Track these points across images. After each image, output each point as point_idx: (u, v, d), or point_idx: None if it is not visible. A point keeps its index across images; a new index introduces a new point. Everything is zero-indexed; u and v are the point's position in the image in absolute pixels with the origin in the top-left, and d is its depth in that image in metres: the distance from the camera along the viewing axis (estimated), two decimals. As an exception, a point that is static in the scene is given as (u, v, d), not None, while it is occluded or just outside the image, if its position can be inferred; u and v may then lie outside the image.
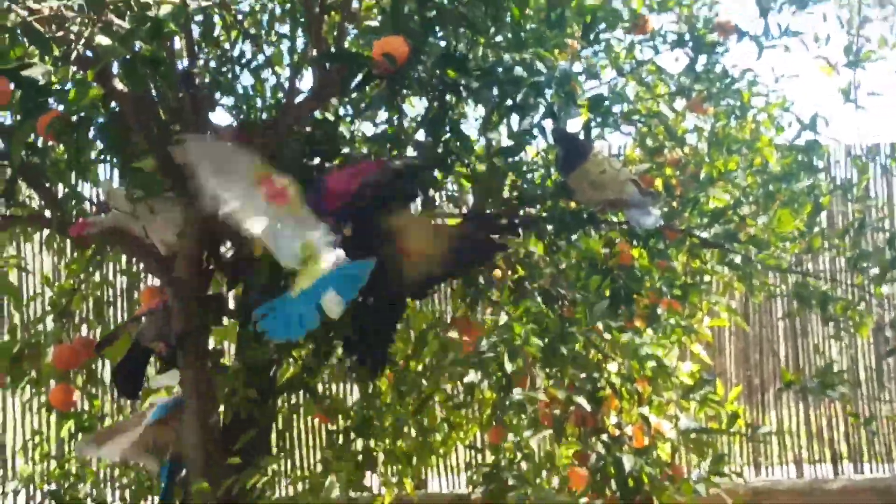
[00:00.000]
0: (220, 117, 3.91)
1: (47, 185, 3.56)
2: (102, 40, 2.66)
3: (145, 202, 3.46)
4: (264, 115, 3.99)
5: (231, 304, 4.02)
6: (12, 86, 2.61)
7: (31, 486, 5.50)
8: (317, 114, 3.82)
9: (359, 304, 3.28)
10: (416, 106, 4.39)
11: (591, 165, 3.59)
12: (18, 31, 2.61)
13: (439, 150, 3.57)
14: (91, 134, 2.74)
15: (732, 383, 6.56)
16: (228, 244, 3.83)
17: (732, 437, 3.88)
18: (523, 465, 3.61)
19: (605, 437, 3.72)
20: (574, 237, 3.81)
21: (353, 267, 3.09)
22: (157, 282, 3.81)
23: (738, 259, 4.04)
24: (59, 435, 4.87)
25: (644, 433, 3.77)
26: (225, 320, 3.96)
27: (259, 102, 4.07)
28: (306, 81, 6.32)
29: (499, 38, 3.25)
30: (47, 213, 3.67)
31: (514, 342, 3.25)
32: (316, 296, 3.01)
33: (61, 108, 2.91)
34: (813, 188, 4.06)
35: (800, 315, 6.46)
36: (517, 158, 3.86)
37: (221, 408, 3.67)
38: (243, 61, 4.02)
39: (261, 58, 4.04)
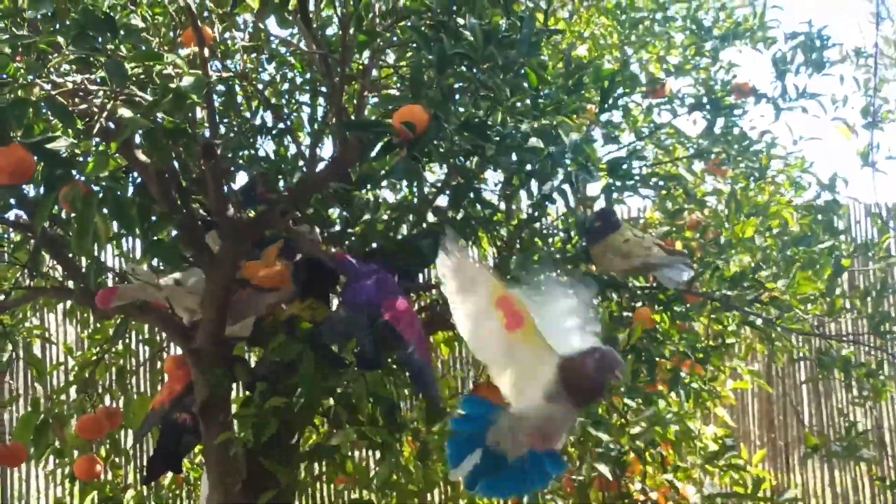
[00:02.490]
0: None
1: (70, 255, 3.58)
2: (125, 112, 2.69)
3: (171, 275, 3.48)
4: (283, 183, 4.02)
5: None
6: (36, 158, 2.63)
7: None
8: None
9: None
10: (436, 172, 4.42)
11: (615, 235, 3.60)
12: (42, 105, 2.63)
13: (460, 216, 3.58)
14: (107, 209, 2.75)
15: (756, 446, 6.52)
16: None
17: (757, 502, 3.84)
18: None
19: (628, 503, 3.70)
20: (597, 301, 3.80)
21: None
22: (179, 351, 3.80)
23: (759, 321, 4.03)
24: (82, 505, 4.88)
25: (668, 499, 3.74)
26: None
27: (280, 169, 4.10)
28: (327, 149, 6.37)
29: (518, 105, 3.26)
30: (70, 284, 3.68)
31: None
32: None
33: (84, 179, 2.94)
34: (833, 249, 4.06)
35: (822, 379, 6.43)
36: (538, 224, 3.88)
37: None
38: (264, 130, 4.04)
39: (281, 126, 4.07)
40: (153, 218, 3.23)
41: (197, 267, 3.55)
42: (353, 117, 3.72)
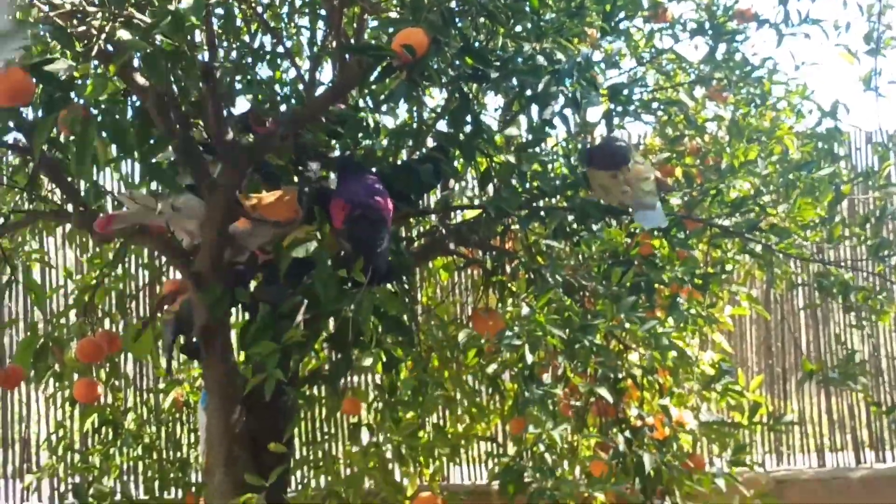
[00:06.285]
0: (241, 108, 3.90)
1: (69, 179, 3.57)
2: (124, 35, 2.67)
3: (168, 200, 3.47)
4: (284, 107, 3.99)
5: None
6: (35, 81, 2.61)
7: (56, 479, 5.51)
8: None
9: None
10: (436, 97, 4.39)
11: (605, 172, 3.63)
12: (40, 26, 2.61)
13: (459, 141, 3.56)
14: (106, 132, 2.73)
15: (754, 372, 6.53)
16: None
17: (754, 427, 3.86)
18: (546, 456, 3.60)
19: (626, 428, 3.72)
20: (596, 227, 3.80)
21: None
22: (179, 275, 3.80)
23: (758, 248, 4.02)
24: (82, 428, 4.90)
25: (665, 424, 3.76)
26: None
27: (279, 93, 4.07)
28: (326, 73, 6.33)
29: (518, 29, 3.24)
30: (69, 208, 3.67)
31: (535, 333, 3.24)
32: None
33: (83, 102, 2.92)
34: (833, 176, 4.05)
35: (821, 305, 6.43)
36: (538, 149, 3.86)
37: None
38: (263, 53, 4.02)
39: (280, 50, 4.04)
40: (152, 141, 3.22)
41: (196, 190, 3.53)
42: (352, 40, 3.69)
